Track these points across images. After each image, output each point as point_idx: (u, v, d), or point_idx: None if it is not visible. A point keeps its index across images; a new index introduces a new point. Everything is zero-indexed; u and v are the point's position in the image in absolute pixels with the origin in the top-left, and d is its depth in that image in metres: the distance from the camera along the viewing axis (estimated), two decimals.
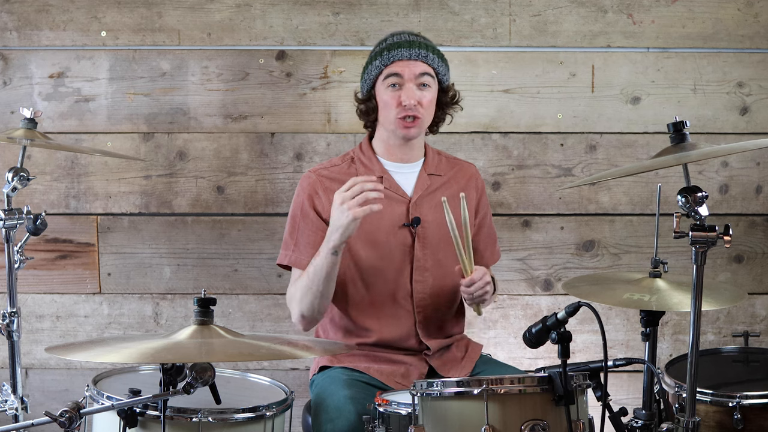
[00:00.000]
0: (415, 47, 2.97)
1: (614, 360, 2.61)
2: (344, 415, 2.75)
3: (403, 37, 3.01)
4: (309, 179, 3.04)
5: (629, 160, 3.72)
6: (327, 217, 2.97)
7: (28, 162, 3.66)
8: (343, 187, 2.79)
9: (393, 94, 2.96)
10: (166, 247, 3.74)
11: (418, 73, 2.96)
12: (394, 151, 3.05)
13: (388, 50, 2.97)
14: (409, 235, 3.00)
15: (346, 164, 3.07)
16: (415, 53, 2.96)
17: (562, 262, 3.76)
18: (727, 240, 2.37)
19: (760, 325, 3.80)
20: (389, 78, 2.96)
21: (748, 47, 3.70)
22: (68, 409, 2.28)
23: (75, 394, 3.72)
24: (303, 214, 3.02)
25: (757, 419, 2.82)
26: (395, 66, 2.96)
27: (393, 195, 3.02)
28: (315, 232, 2.99)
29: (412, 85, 2.95)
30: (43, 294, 3.76)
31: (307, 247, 3.00)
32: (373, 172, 3.03)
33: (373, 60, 3.00)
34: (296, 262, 3.01)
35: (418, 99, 2.95)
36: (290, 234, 3.04)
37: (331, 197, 2.95)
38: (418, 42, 2.99)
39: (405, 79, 2.95)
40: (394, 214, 3.00)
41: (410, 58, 2.96)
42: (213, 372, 2.31)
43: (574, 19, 3.68)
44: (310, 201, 3.02)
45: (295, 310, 2.97)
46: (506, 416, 2.33)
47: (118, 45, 3.67)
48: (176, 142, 3.71)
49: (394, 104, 2.96)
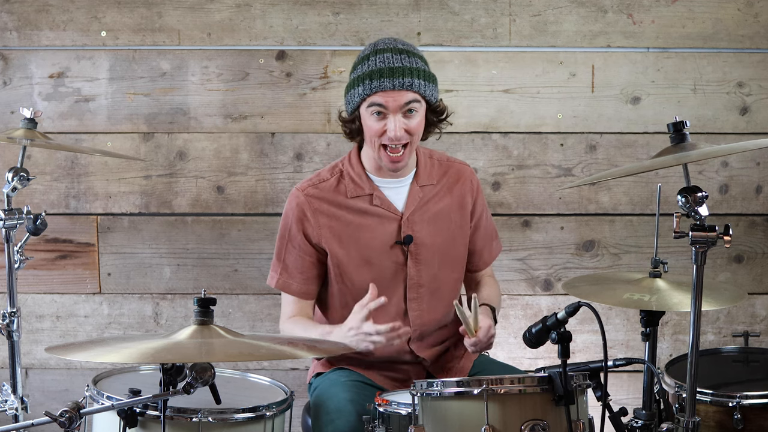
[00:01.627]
0: (398, 76, 2.79)
1: (614, 360, 2.61)
2: (344, 416, 2.75)
3: (386, 60, 2.82)
4: (297, 200, 2.96)
5: (629, 160, 3.72)
6: (316, 241, 2.95)
7: (28, 162, 3.66)
8: (369, 327, 2.73)
9: (378, 122, 2.83)
10: (166, 247, 3.74)
11: (403, 102, 2.80)
12: (383, 169, 2.94)
13: (370, 79, 2.81)
14: (401, 253, 2.95)
15: (335, 179, 2.97)
16: (399, 83, 2.79)
17: (562, 262, 3.76)
18: (727, 240, 2.37)
19: (760, 325, 3.80)
20: (372, 107, 2.82)
21: (748, 47, 3.70)
22: (68, 409, 2.28)
23: (75, 394, 3.72)
24: (291, 237, 2.98)
25: (757, 419, 2.82)
26: (378, 96, 2.80)
27: (384, 213, 2.95)
28: (302, 257, 2.97)
29: (398, 116, 2.81)
30: (43, 294, 3.76)
31: (294, 272, 2.98)
32: (363, 189, 2.96)
33: (357, 84, 2.84)
34: (285, 287, 3.00)
35: (405, 127, 2.83)
36: (278, 255, 3.01)
37: (319, 219, 2.93)
38: (401, 69, 2.80)
39: (389, 110, 2.81)
40: (386, 232, 2.94)
41: (394, 88, 2.79)
42: (213, 372, 2.31)
43: (574, 19, 3.68)
44: (299, 224, 2.96)
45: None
46: (506, 416, 2.33)
47: (118, 45, 3.67)
48: (176, 142, 3.71)
49: (378, 133, 2.84)
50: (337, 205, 2.95)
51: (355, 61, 2.91)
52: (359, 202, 2.95)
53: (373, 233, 2.92)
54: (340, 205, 2.95)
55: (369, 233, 2.92)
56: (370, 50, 2.88)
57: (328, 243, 2.94)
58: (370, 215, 2.95)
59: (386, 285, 2.90)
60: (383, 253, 2.94)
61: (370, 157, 2.96)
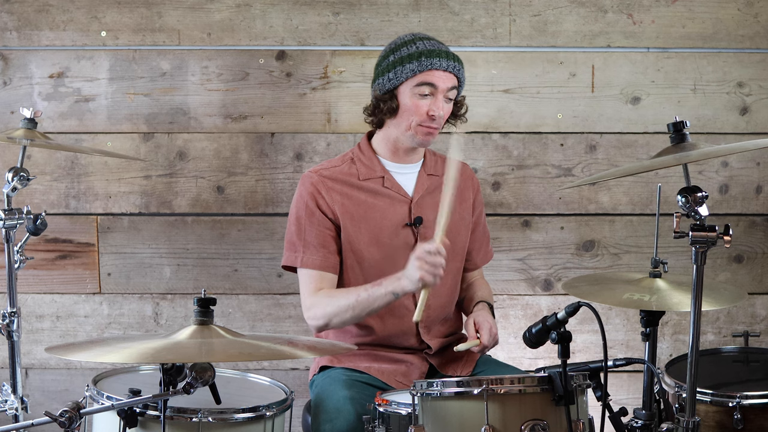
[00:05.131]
0: (452, 59, 2.93)
1: (614, 360, 2.61)
2: (343, 416, 2.75)
3: (436, 45, 2.95)
4: (311, 179, 3.01)
5: (629, 160, 3.72)
6: (332, 216, 2.97)
7: (28, 162, 3.66)
8: (428, 247, 2.72)
9: (422, 102, 2.92)
10: (166, 247, 3.74)
11: (450, 86, 2.93)
12: (399, 152, 3.03)
13: (426, 57, 2.90)
14: (412, 234, 3.00)
15: (347, 164, 3.04)
16: (452, 66, 2.92)
17: (562, 262, 3.76)
18: (727, 240, 2.37)
19: (760, 325, 3.80)
20: (423, 86, 2.91)
21: (748, 47, 3.70)
22: (68, 409, 2.28)
23: (75, 394, 3.72)
24: (308, 213, 2.98)
25: (757, 419, 2.82)
26: (432, 76, 2.90)
27: (395, 195, 3.01)
28: (323, 231, 2.97)
29: (442, 97, 2.93)
30: (43, 294, 3.76)
31: (317, 248, 2.96)
32: (374, 172, 3.02)
33: (406, 62, 2.91)
34: (308, 263, 2.97)
35: (445, 112, 2.95)
36: (297, 235, 2.99)
37: (333, 197, 2.96)
38: (453, 54, 2.95)
39: (439, 91, 2.92)
40: (397, 214, 3.00)
41: (447, 69, 2.91)
42: (213, 372, 2.31)
43: (574, 19, 3.68)
44: (313, 200, 2.98)
45: (320, 319, 2.91)
46: (506, 416, 2.33)
47: (118, 45, 3.67)
48: (176, 142, 3.71)
49: (422, 112, 2.92)
50: (350, 186, 3.00)
51: (392, 47, 2.98)
52: (371, 184, 3.01)
53: (384, 213, 2.96)
54: (352, 185, 3.00)
55: (380, 213, 2.96)
56: (410, 38, 2.98)
57: (342, 219, 2.97)
58: (381, 196, 3.00)
59: (396, 265, 2.89)
60: (394, 233, 2.99)
61: (387, 142, 3.02)
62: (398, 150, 3.03)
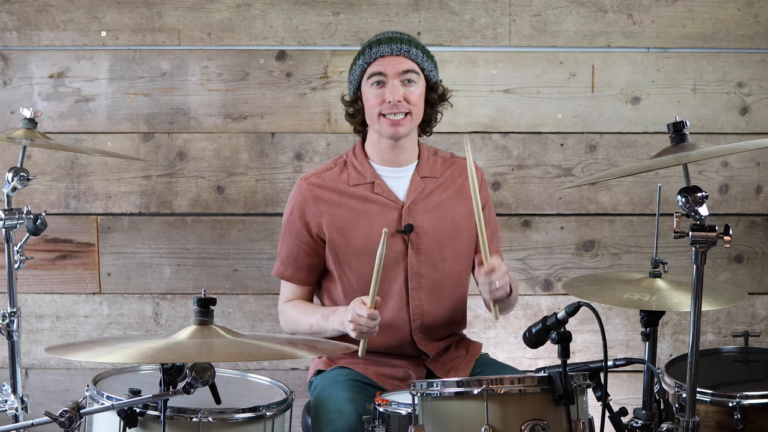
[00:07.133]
0: (396, 43, 2.91)
1: (614, 360, 2.61)
2: (344, 416, 2.75)
3: (385, 35, 2.97)
4: (300, 188, 3.02)
5: (629, 160, 3.72)
6: (317, 230, 2.98)
7: (28, 162, 3.66)
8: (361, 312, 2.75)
9: (377, 92, 2.91)
10: (166, 247, 3.74)
11: (401, 70, 2.90)
12: (386, 154, 3.00)
13: (370, 48, 2.93)
14: (402, 242, 2.96)
15: (339, 168, 3.02)
16: (397, 48, 2.90)
17: (562, 262, 3.76)
18: (727, 240, 2.37)
19: (760, 325, 3.80)
20: (373, 77, 2.91)
21: (748, 47, 3.70)
22: (68, 409, 2.28)
23: (75, 394, 3.72)
24: (290, 223, 3.03)
25: (757, 419, 2.82)
26: (377, 64, 2.91)
27: (385, 201, 2.97)
28: (297, 244, 3.01)
29: (396, 82, 2.90)
30: (43, 294, 3.76)
31: (289, 260, 3.05)
32: (365, 177, 2.99)
33: (357, 60, 2.96)
34: (281, 275, 3.07)
35: (404, 95, 2.90)
36: (280, 243, 3.10)
37: (320, 207, 2.97)
38: (400, 38, 2.94)
39: (388, 77, 2.90)
40: (387, 221, 2.95)
41: (392, 53, 2.90)
42: (213, 372, 2.31)
43: (574, 19, 3.68)
44: (300, 212, 3.00)
45: (285, 327, 3.10)
46: (506, 416, 2.33)
47: (118, 45, 3.67)
48: (176, 142, 3.71)
49: (377, 102, 2.91)
50: (339, 193, 2.99)
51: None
52: (361, 190, 2.99)
53: (374, 221, 2.94)
54: (341, 192, 2.99)
55: (370, 221, 2.95)
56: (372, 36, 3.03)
57: (328, 230, 2.96)
58: (371, 202, 2.98)
59: (387, 273, 2.90)
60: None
61: (373, 145, 3.01)
62: (384, 152, 2.99)
